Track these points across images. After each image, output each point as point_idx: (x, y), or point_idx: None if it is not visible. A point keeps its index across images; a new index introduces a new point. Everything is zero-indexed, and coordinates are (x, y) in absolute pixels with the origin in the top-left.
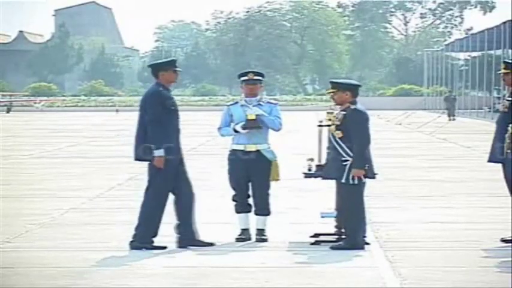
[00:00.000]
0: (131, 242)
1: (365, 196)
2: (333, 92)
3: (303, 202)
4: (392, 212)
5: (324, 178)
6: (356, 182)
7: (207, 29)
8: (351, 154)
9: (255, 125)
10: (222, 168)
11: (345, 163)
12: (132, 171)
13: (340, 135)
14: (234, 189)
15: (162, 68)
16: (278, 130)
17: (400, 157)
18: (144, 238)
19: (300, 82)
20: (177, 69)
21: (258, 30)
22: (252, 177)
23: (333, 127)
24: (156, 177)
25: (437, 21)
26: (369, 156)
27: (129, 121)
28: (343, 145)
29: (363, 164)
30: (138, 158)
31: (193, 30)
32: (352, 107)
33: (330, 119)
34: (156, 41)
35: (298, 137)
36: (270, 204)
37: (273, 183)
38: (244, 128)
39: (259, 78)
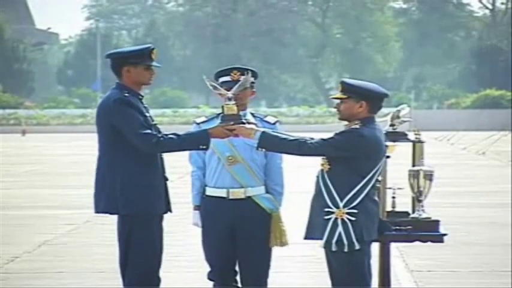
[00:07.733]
0: None
1: (428, 271)
2: (340, 99)
3: (319, 278)
4: None
5: (306, 238)
6: (346, 249)
7: (170, 0)
8: (339, 202)
9: (237, 121)
10: (192, 233)
11: (326, 216)
12: (49, 231)
13: (327, 167)
14: (210, 262)
15: (128, 61)
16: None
17: (486, 207)
18: None
19: (321, 86)
20: (152, 64)
21: (252, 1)
22: (239, 241)
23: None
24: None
25: None
26: (376, 209)
27: (45, 148)
28: (329, 184)
29: (270, 145)
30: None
31: (148, 2)
32: (355, 126)
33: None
34: (88, 19)
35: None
36: (268, 285)
37: (274, 250)
38: (222, 123)
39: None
